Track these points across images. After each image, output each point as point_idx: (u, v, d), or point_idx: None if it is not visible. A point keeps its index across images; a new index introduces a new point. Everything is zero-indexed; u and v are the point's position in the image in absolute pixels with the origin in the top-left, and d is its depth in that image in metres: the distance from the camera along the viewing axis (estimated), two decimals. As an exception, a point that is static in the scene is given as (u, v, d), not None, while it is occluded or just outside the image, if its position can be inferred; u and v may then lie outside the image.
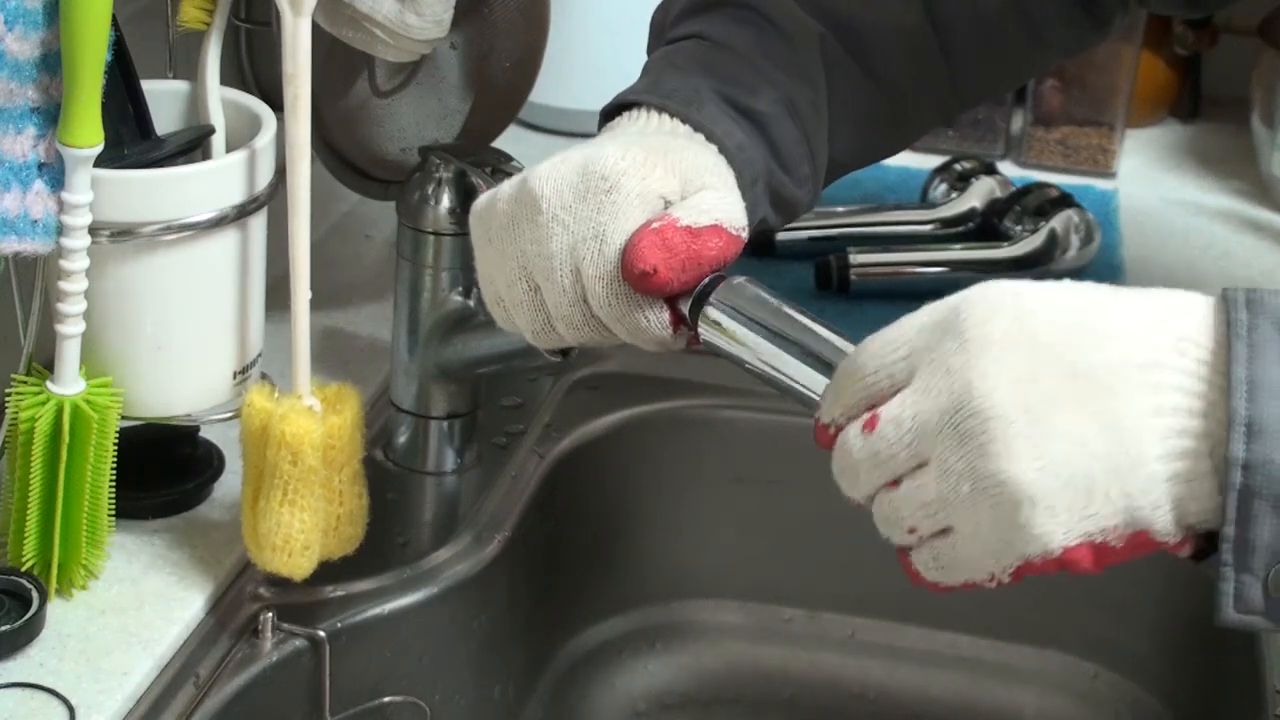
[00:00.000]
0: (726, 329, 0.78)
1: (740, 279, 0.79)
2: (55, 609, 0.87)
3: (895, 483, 0.69)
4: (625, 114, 0.88)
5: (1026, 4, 0.99)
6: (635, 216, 0.79)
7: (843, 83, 0.94)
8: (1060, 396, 0.66)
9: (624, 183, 0.79)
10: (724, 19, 0.92)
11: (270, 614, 0.91)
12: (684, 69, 0.89)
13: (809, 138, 0.92)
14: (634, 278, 0.78)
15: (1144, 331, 0.66)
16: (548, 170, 0.81)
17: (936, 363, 0.68)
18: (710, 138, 0.86)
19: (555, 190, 0.80)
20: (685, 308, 0.80)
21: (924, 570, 0.70)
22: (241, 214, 0.90)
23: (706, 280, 0.79)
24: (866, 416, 0.69)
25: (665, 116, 0.86)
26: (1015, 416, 0.65)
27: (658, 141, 0.83)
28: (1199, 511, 0.66)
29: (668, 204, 0.81)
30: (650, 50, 0.96)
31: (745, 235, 0.82)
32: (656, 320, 0.80)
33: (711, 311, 0.79)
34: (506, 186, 0.83)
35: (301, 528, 0.88)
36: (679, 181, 0.81)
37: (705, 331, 0.79)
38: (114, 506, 0.89)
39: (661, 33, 0.96)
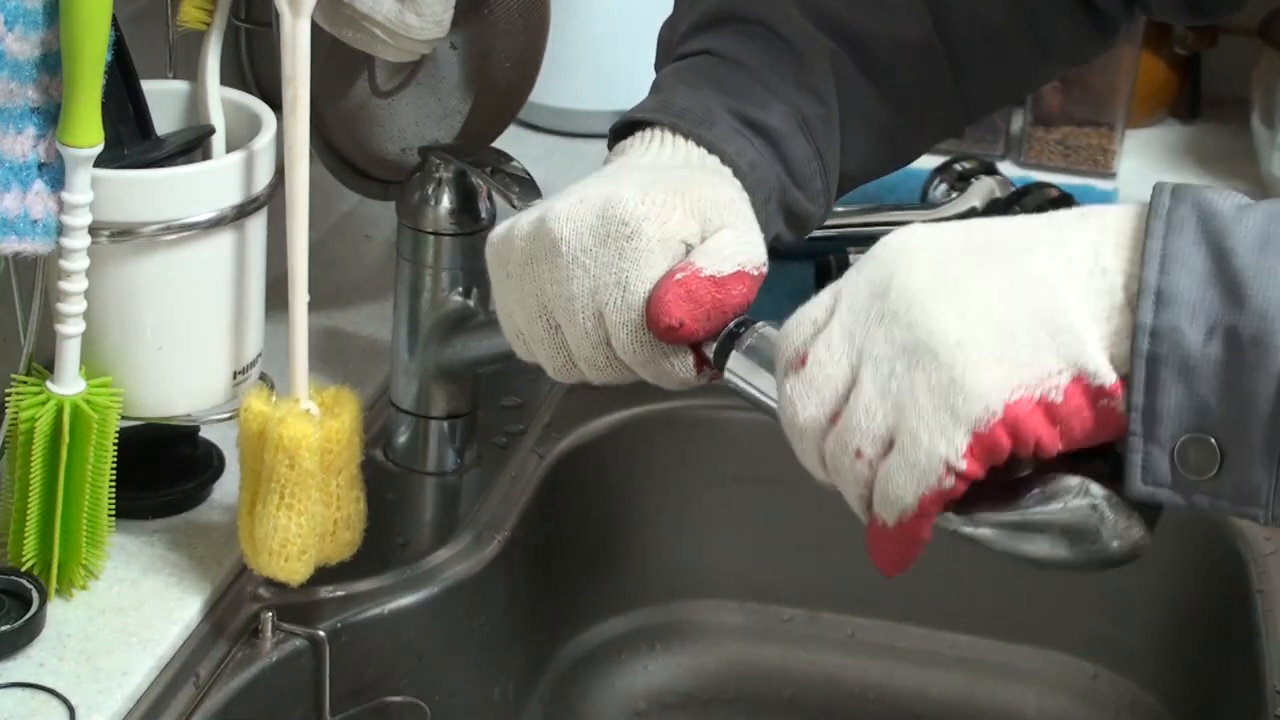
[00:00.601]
0: (751, 376, 0.79)
1: (765, 326, 0.79)
2: (55, 609, 0.87)
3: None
4: (636, 135, 0.88)
5: (1033, 17, 0.99)
6: (658, 264, 0.79)
7: (853, 97, 0.94)
8: (973, 266, 0.68)
9: (645, 228, 0.79)
10: (733, 35, 0.92)
11: (270, 614, 0.91)
12: (694, 85, 0.89)
13: (821, 153, 0.92)
14: (660, 330, 0.79)
15: (1049, 216, 0.70)
16: (566, 211, 0.81)
17: (853, 281, 0.70)
18: (723, 158, 0.86)
19: (575, 232, 0.80)
20: (709, 350, 0.80)
21: (884, 504, 0.69)
22: (241, 214, 0.90)
23: (731, 325, 0.80)
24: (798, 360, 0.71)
25: (678, 138, 0.86)
26: (933, 288, 0.67)
27: (675, 179, 0.82)
28: (1123, 360, 0.67)
29: (688, 247, 0.81)
30: (658, 66, 0.96)
31: (765, 270, 0.82)
32: (682, 365, 0.81)
33: (737, 359, 0.79)
34: (524, 222, 0.83)
35: (298, 532, 0.88)
36: (699, 223, 0.81)
37: (731, 376, 0.80)
38: (114, 506, 0.89)
39: (669, 49, 0.95)
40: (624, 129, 0.89)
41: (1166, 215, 0.67)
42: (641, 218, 0.79)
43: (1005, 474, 0.69)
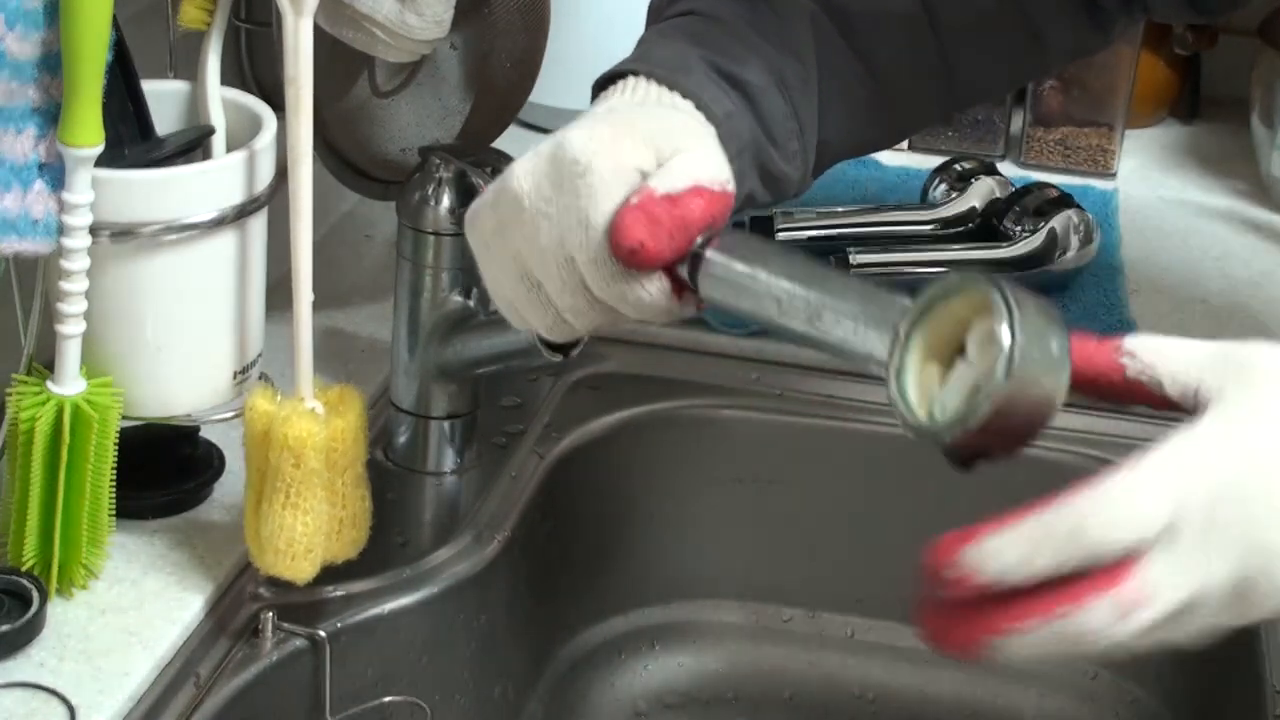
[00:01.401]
0: (725, 278, 0.77)
1: (728, 231, 0.78)
2: (55, 609, 0.87)
3: None
4: (613, 86, 0.88)
5: (1024, 2, 0.99)
6: (614, 195, 0.78)
7: (833, 61, 0.94)
8: None
9: (596, 163, 0.78)
10: None
11: (270, 614, 0.91)
12: (672, 39, 0.90)
13: (798, 112, 0.91)
14: (624, 255, 0.77)
15: None
16: (522, 167, 0.81)
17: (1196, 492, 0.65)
18: (698, 104, 0.85)
19: (534, 185, 0.80)
20: (685, 273, 0.79)
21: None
22: (241, 214, 0.90)
23: (699, 241, 0.78)
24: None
25: (652, 84, 0.86)
26: None
27: (625, 114, 0.82)
28: None
29: (645, 175, 0.80)
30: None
31: (730, 189, 0.80)
32: (658, 291, 0.79)
33: (708, 267, 0.78)
34: (489, 191, 0.83)
35: (304, 531, 0.88)
36: (651, 150, 0.80)
37: (706, 286, 0.78)
38: (114, 506, 0.89)
39: (658, 15, 0.96)
40: (605, 83, 0.89)
41: None
42: (592, 153, 0.78)
43: None
